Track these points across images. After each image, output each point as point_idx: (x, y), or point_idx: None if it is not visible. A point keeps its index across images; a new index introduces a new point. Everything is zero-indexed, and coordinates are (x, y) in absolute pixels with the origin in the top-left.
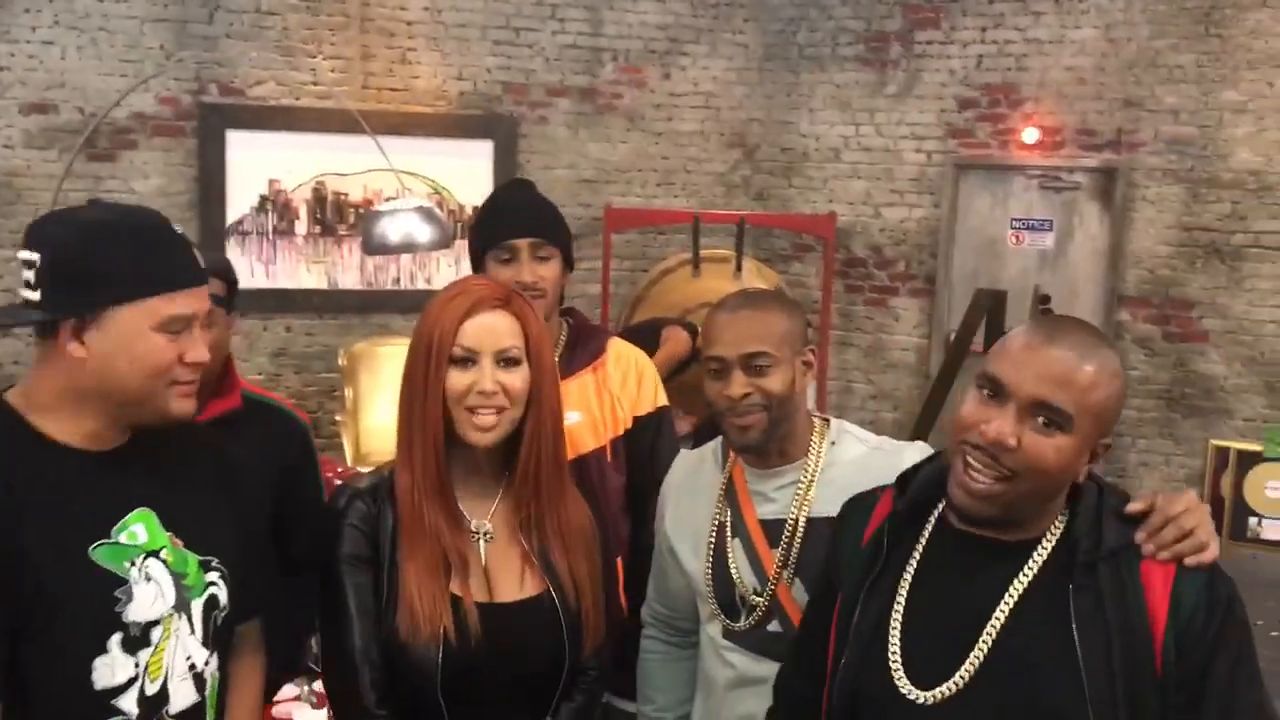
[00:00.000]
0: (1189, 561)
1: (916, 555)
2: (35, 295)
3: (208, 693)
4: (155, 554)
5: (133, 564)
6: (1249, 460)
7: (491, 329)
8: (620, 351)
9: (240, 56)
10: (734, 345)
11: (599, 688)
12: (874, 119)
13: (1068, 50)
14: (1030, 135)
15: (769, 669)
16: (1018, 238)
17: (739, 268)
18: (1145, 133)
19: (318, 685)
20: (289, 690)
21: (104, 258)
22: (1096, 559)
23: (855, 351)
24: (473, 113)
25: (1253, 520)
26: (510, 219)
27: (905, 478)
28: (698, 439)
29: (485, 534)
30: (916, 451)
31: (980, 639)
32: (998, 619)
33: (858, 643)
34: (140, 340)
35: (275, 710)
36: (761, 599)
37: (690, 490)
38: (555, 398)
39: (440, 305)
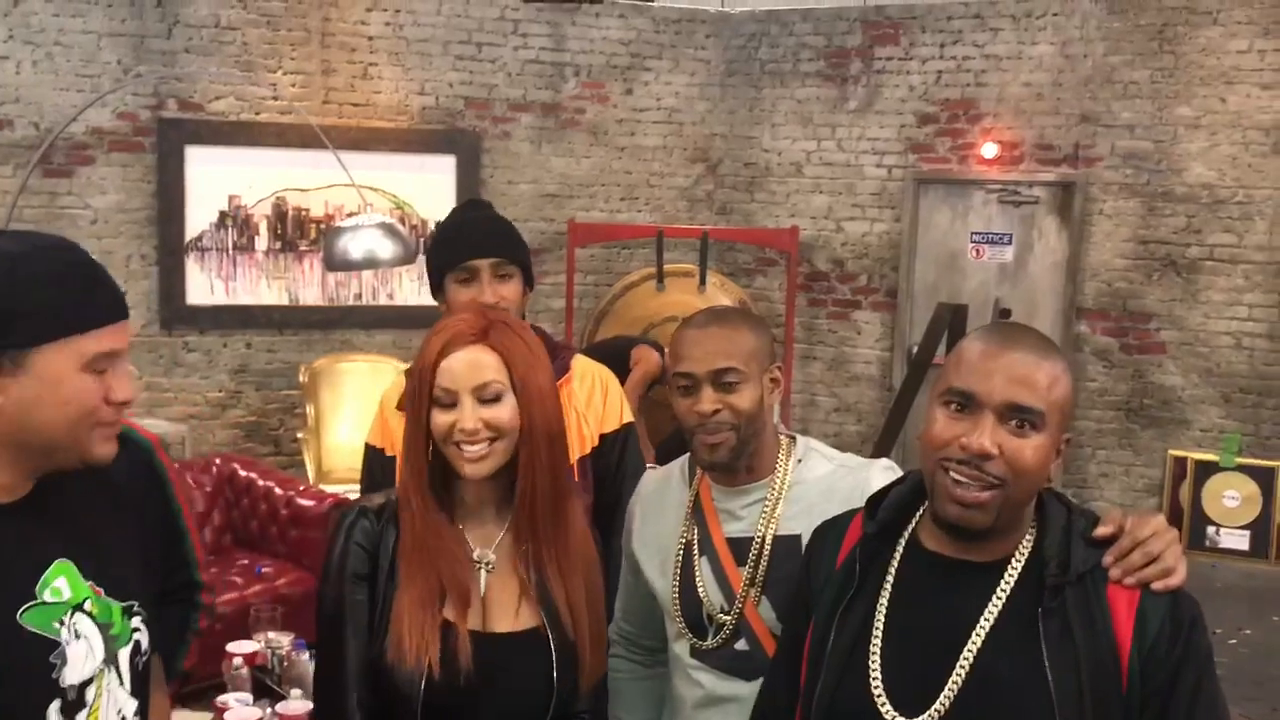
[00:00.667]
0: (1156, 586)
1: (890, 578)
2: None
3: None
4: (79, 607)
5: (61, 623)
6: (1206, 470)
7: (469, 365)
8: (584, 369)
9: (200, 72)
10: (703, 362)
11: None
12: (835, 134)
13: (1025, 66)
14: (989, 150)
15: (736, 688)
16: (978, 251)
17: (703, 282)
18: (1102, 147)
19: (281, 707)
20: (253, 712)
21: (23, 295)
22: (1064, 582)
23: (819, 365)
24: (435, 128)
25: (1210, 529)
26: (469, 239)
27: (875, 500)
28: (660, 461)
29: (486, 563)
30: (881, 469)
31: (958, 663)
32: (974, 643)
33: (833, 668)
34: (67, 382)
35: None
36: (728, 618)
37: (657, 508)
38: (552, 424)
39: (424, 343)
